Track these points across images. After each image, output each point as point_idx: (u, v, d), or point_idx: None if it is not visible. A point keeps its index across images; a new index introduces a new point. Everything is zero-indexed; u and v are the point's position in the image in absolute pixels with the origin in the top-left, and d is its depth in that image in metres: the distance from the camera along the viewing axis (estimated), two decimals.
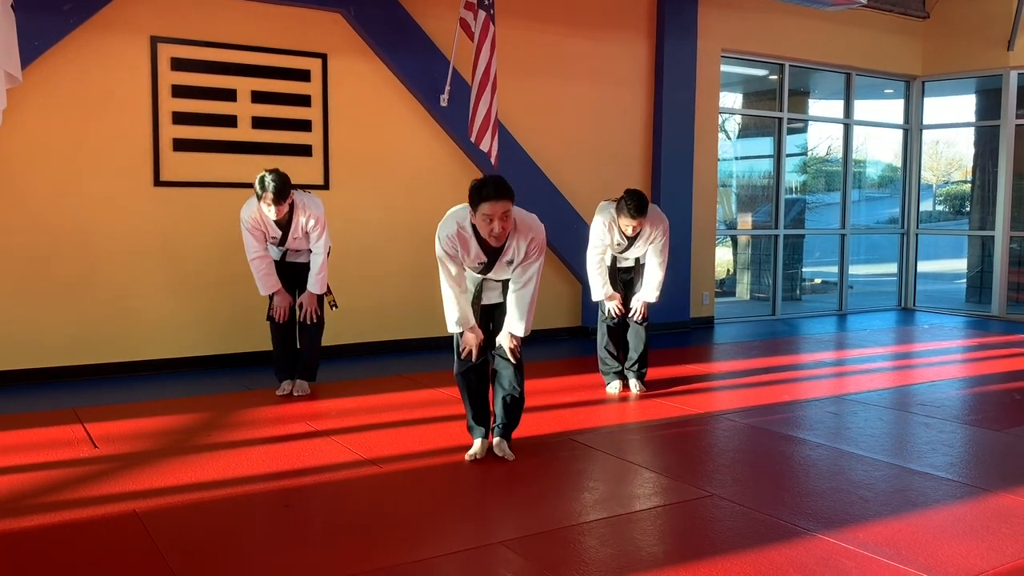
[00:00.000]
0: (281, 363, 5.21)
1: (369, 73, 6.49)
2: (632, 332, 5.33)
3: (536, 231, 3.81)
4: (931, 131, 10.21)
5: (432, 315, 6.75)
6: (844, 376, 6.17)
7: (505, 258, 3.82)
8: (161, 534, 3.00)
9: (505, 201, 3.59)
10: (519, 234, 3.77)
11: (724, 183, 9.26)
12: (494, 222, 3.59)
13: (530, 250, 3.80)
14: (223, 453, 3.98)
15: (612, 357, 5.36)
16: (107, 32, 5.58)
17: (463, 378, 3.95)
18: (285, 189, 4.77)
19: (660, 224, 5.10)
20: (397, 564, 2.79)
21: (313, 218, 4.96)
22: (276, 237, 4.99)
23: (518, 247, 3.79)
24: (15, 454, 3.93)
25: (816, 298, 10.23)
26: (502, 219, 3.60)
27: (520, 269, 3.84)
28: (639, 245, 5.13)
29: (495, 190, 3.59)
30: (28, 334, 5.48)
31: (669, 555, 2.90)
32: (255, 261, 4.99)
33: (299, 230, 4.97)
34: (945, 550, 2.90)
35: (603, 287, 5.20)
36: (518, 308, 3.86)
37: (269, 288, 5.04)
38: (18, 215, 5.43)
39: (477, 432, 3.99)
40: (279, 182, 4.74)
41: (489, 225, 3.60)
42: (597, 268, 5.19)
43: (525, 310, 3.86)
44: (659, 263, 5.15)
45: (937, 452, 4.10)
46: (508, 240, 3.76)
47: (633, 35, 7.74)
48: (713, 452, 4.17)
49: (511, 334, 3.89)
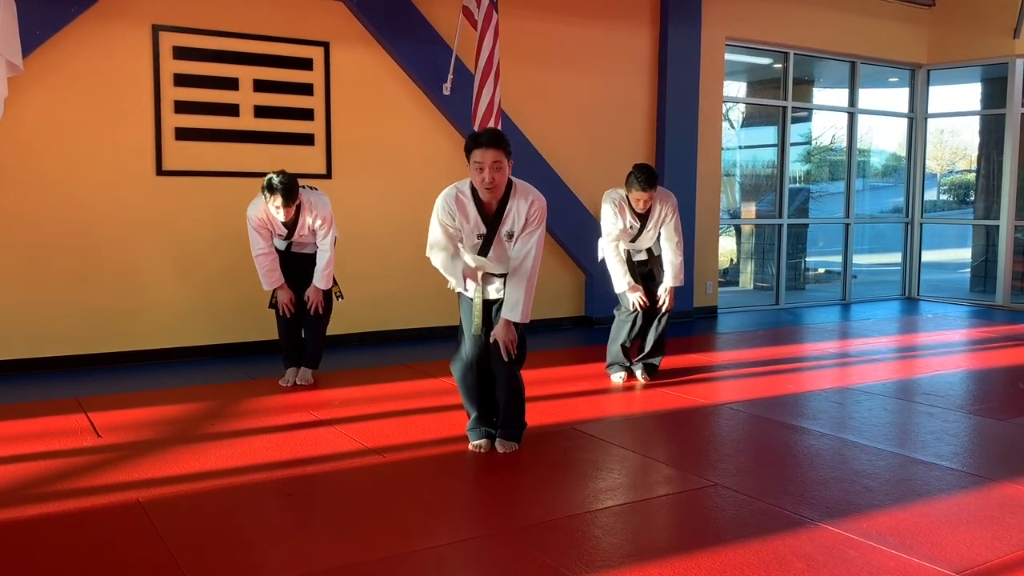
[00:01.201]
0: (287, 351, 5.22)
1: (371, 61, 6.46)
2: (654, 324, 5.25)
3: (536, 196, 3.72)
4: (936, 120, 10.17)
5: (436, 304, 6.77)
6: (848, 366, 6.15)
7: (504, 228, 3.70)
8: (165, 523, 3.00)
9: (496, 150, 3.55)
10: (519, 196, 3.69)
11: (728, 172, 9.23)
12: (485, 171, 3.54)
13: (530, 215, 3.68)
14: (227, 442, 3.99)
15: (624, 354, 5.24)
16: (108, 20, 5.56)
17: (463, 382, 3.87)
18: (293, 192, 4.76)
19: (668, 201, 5.05)
20: (401, 553, 2.79)
21: (320, 217, 4.94)
22: (283, 234, 5.00)
23: (518, 212, 3.68)
24: (19, 443, 3.94)
25: (820, 287, 10.22)
26: (492, 168, 3.55)
27: (521, 242, 3.70)
28: (650, 229, 5.07)
29: (487, 138, 3.58)
30: (31, 323, 5.48)
31: (673, 544, 2.89)
32: (259, 257, 4.99)
33: (305, 228, 4.98)
34: (949, 539, 2.90)
35: (624, 276, 5.04)
36: (515, 290, 3.68)
37: (272, 284, 5.04)
38: (20, 205, 5.42)
39: (478, 434, 3.90)
40: (287, 185, 4.73)
41: (480, 174, 3.56)
42: (615, 257, 5.05)
43: (522, 293, 3.66)
44: (675, 245, 5.08)
45: (941, 442, 4.09)
46: (508, 204, 3.68)
47: (637, 23, 7.70)
48: (717, 441, 4.16)
49: (506, 321, 3.69)
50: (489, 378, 3.88)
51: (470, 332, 3.81)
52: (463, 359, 3.85)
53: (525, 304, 3.68)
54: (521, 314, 3.68)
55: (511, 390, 3.85)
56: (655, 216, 5.03)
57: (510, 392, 3.85)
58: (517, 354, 3.80)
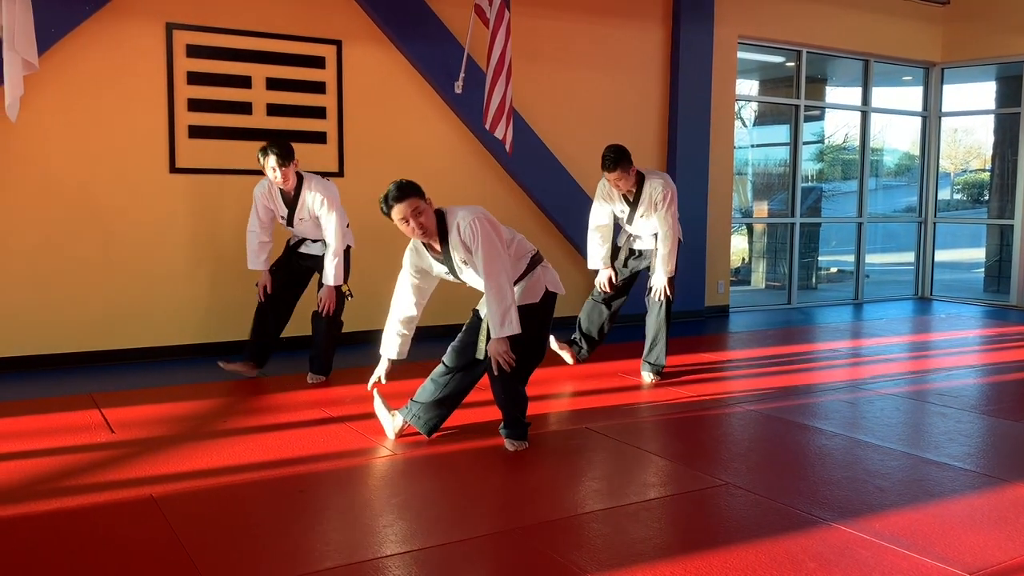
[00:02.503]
0: (250, 340, 5.20)
1: (384, 60, 6.47)
2: (648, 315, 5.26)
3: (468, 221, 3.62)
4: (950, 119, 10.10)
5: (447, 302, 6.76)
6: (860, 365, 6.13)
7: (456, 261, 3.71)
8: (178, 518, 3.02)
9: (401, 205, 3.62)
10: (452, 229, 3.66)
11: (740, 171, 9.20)
12: (409, 223, 3.62)
13: (465, 239, 3.62)
14: (239, 439, 4.01)
15: (578, 328, 5.47)
16: (123, 19, 5.59)
17: (451, 376, 3.96)
18: (287, 149, 4.80)
19: (658, 181, 5.05)
20: (412, 550, 2.79)
21: (323, 199, 4.88)
22: (284, 216, 4.99)
23: (458, 244, 3.65)
24: (33, 439, 3.97)
25: (832, 287, 10.18)
26: (413, 219, 3.61)
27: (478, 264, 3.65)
28: (642, 212, 5.09)
29: (392, 198, 3.66)
30: (45, 320, 5.52)
31: (684, 543, 2.89)
32: (250, 234, 5.09)
33: (305, 210, 4.93)
34: (962, 540, 2.88)
35: (594, 256, 5.27)
36: (488, 308, 3.65)
37: (254, 263, 5.11)
38: (35, 202, 5.46)
39: (406, 413, 4.00)
40: (280, 144, 4.79)
41: (407, 227, 3.65)
42: (592, 232, 5.29)
43: (492, 310, 3.59)
44: (664, 235, 5.06)
45: (954, 442, 4.07)
46: (448, 239, 3.68)
47: (649, 22, 7.68)
48: (728, 441, 4.15)
49: (496, 338, 3.66)
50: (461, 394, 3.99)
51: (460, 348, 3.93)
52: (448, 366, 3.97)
53: (500, 318, 3.60)
54: (498, 329, 3.62)
55: (508, 399, 3.84)
56: (644, 200, 5.06)
57: (508, 400, 3.84)
58: (517, 368, 3.73)
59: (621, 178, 4.95)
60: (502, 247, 3.66)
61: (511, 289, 3.64)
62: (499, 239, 3.65)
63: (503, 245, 3.67)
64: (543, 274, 3.92)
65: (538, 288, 3.88)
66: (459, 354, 3.92)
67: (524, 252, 3.88)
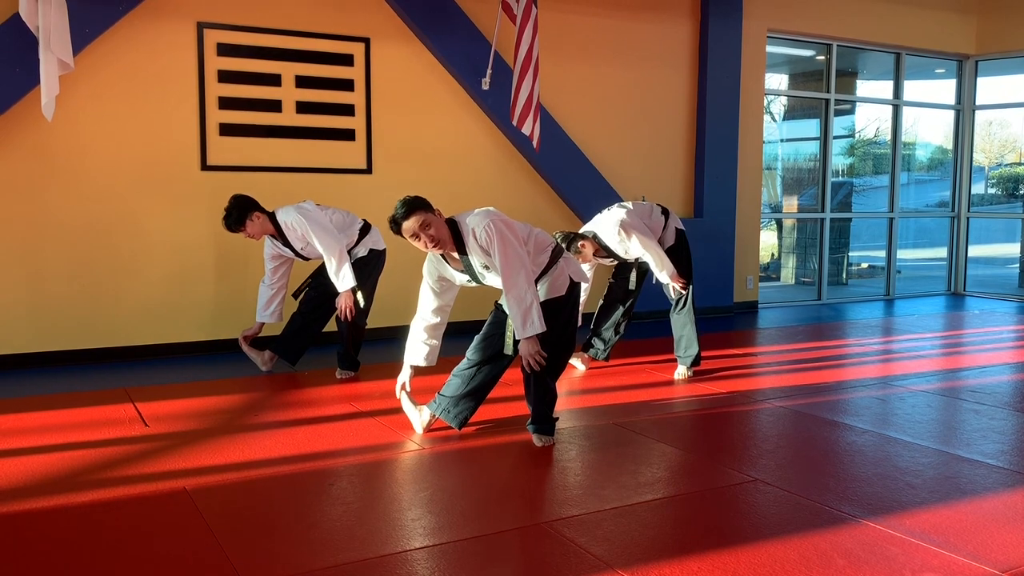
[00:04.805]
0: (281, 336, 5.34)
1: (411, 57, 6.50)
2: (671, 312, 5.30)
3: (475, 225, 3.65)
4: (984, 111, 9.95)
5: (475, 297, 6.78)
6: (891, 362, 6.06)
7: (477, 267, 3.75)
8: (210, 510, 3.07)
9: (409, 220, 3.65)
10: (466, 234, 3.70)
11: (769, 166, 9.13)
12: (421, 239, 3.64)
13: (482, 243, 3.65)
14: (270, 432, 4.06)
15: (593, 328, 5.46)
16: (155, 18, 5.67)
17: (476, 368, 3.96)
18: (231, 216, 4.89)
19: (610, 227, 5.11)
20: (439, 543, 2.82)
21: (291, 223, 4.93)
22: (291, 253, 5.12)
23: (475, 248, 3.69)
24: (71, 432, 4.05)
25: (863, 283, 10.06)
26: (423, 232, 3.64)
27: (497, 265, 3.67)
28: (621, 253, 5.18)
29: (400, 216, 3.67)
30: (80, 315, 5.62)
31: (713, 538, 2.88)
32: (260, 287, 5.30)
33: (296, 240, 5.03)
34: (995, 538, 2.85)
35: None
36: (509, 309, 3.68)
37: (260, 316, 5.28)
38: (69, 200, 5.55)
39: (434, 407, 4.02)
40: (226, 213, 4.90)
41: (419, 243, 3.66)
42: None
43: (513, 310, 3.62)
44: (646, 256, 5.10)
45: (988, 439, 4.02)
46: (466, 245, 3.73)
47: (677, 16, 7.64)
48: (757, 437, 4.13)
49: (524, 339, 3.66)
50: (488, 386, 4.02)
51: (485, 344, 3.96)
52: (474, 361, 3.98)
53: (521, 319, 3.61)
54: (521, 331, 3.64)
55: (539, 395, 3.86)
56: (614, 247, 5.13)
57: (538, 397, 3.87)
58: (548, 364, 3.75)
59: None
60: (520, 245, 3.66)
61: (531, 288, 3.64)
62: (516, 238, 3.66)
63: (520, 243, 3.68)
64: (566, 265, 3.91)
65: (563, 280, 3.88)
66: (483, 347, 3.94)
67: (544, 246, 3.86)
